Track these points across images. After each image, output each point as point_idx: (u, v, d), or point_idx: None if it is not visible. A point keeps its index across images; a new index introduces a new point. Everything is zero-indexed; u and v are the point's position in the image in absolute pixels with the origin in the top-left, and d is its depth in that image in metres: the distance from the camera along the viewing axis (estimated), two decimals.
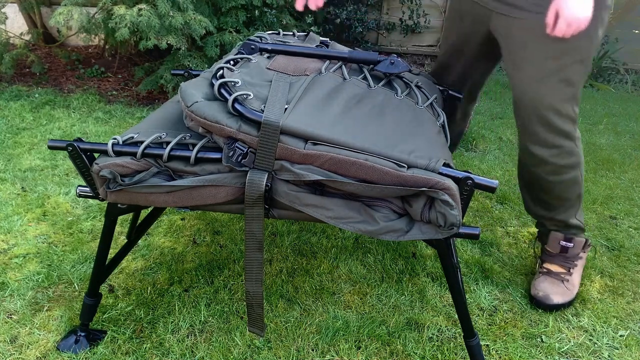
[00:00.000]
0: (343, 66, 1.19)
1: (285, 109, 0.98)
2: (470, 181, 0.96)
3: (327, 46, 1.35)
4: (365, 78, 1.18)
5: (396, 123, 1.06)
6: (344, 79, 1.14)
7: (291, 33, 1.46)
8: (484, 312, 1.45)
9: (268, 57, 1.21)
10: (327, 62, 1.19)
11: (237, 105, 0.96)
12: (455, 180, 0.95)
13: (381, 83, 1.19)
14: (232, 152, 0.96)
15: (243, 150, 0.95)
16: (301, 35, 1.46)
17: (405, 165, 0.94)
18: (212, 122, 0.96)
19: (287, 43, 1.32)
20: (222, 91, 0.99)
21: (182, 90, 1.04)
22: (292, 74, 1.12)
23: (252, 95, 0.99)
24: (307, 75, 1.12)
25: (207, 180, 0.98)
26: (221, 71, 1.07)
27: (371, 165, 0.93)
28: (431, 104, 1.24)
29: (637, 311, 1.48)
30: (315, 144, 0.94)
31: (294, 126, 0.94)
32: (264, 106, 0.97)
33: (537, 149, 1.35)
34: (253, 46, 1.24)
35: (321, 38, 1.43)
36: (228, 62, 1.13)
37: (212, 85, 1.05)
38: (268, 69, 1.14)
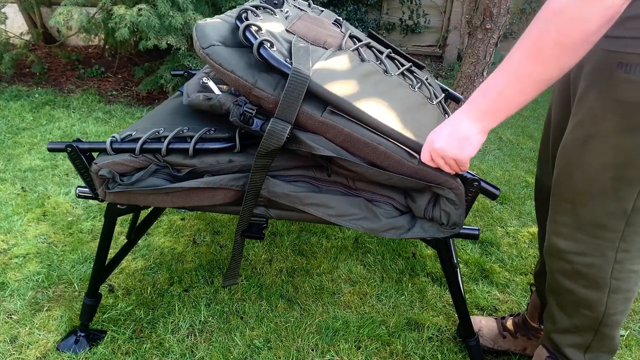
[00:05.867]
0: (360, 48, 1.14)
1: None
2: (477, 183, 0.95)
3: (341, 25, 1.31)
4: (382, 64, 1.14)
5: (411, 111, 1.03)
6: (362, 60, 1.10)
7: (307, 3, 1.39)
8: (483, 312, 1.45)
9: (286, 18, 1.15)
10: (346, 39, 1.13)
11: (262, 51, 0.89)
12: (462, 180, 0.95)
13: (397, 72, 1.16)
14: (242, 114, 0.91)
15: (251, 113, 0.91)
16: (316, 8, 1.40)
17: (417, 157, 0.92)
18: (227, 71, 0.91)
19: (306, 12, 1.25)
20: (247, 34, 0.93)
21: (198, 29, 0.98)
22: (311, 42, 1.06)
23: (275, 48, 0.94)
24: (326, 48, 1.07)
25: (206, 182, 0.98)
26: (246, 13, 1.01)
27: (384, 151, 0.90)
28: (440, 102, 1.23)
29: (637, 311, 1.48)
30: (333, 112, 0.90)
31: (322, 84, 0.89)
32: (288, 61, 0.92)
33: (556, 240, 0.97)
34: (276, 1, 1.17)
35: (336, 16, 1.37)
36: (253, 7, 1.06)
37: (236, 27, 0.98)
38: (287, 30, 1.08)
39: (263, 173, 0.95)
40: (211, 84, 1.08)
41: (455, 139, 0.84)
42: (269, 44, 0.91)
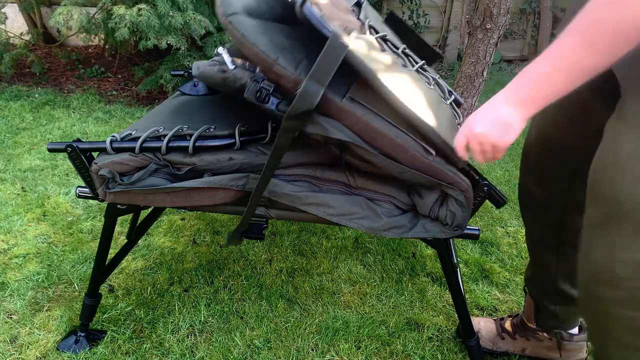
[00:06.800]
0: (378, 39, 1.09)
1: None
2: (487, 188, 0.95)
3: (360, 8, 1.27)
4: (399, 57, 1.10)
5: (431, 107, 1.00)
6: (383, 50, 1.06)
7: None
8: (483, 312, 1.45)
9: None
10: (367, 22, 1.09)
11: (306, 9, 0.84)
12: (473, 183, 0.94)
13: (414, 67, 1.12)
14: (258, 91, 0.88)
15: (269, 90, 0.88)
16: None
17: (433, 153, 0.91)
18: (249, 43, 0.86)
19: None
20: None
21: None
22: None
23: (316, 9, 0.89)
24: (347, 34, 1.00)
25: (206, 182, 0.98)
26: None
27: (400, 144, 0.88)
28: (451, 102, 1.22)
29: None
30: (352, 100, 0.87)
31: (358, 56, 0.84)
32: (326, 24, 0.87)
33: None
34: None
35: None
36: None
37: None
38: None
39: (289, 135, 0.90)
40: (225, 56, 1.05)
41: (498, 125, 0.80)
42: (310, 3, 0.86)
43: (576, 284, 1.15)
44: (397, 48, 1.15)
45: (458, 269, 1.20)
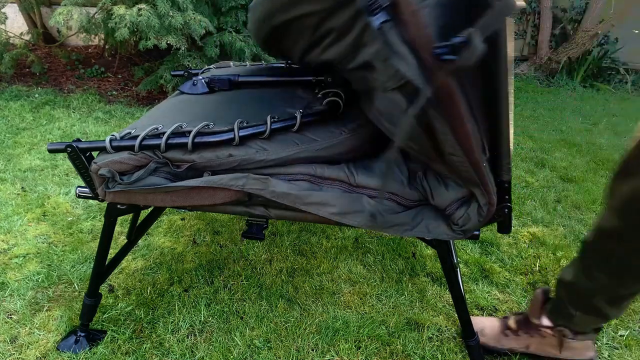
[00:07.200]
0: None
1: None
2: (507, 210, 0.94)
3: None
4: None
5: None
6: None
7: None
8: (483, 312, 1.45)
9: None
10: None
11: None
12: (499, 199, 0.93)
13: None
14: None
15: (382, 4, 0.77)
16: None
17: (488, 155, 0.88)
18: None
19: None
20: None
21: None
22: None
23: None
24: None
25: (206, 181, 0.98)
26: None
27: (468, 131, 0.84)
28: None
29: (637, 311, 1.48)
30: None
31: (507, 25, 0.77)
32: None
33: None
34: None
35: None
36: None
37: None
38: None
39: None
40: None
41: None
42: None
43: (613, 303, 1.12)
44: None
45: (458, 269, 1.20)
